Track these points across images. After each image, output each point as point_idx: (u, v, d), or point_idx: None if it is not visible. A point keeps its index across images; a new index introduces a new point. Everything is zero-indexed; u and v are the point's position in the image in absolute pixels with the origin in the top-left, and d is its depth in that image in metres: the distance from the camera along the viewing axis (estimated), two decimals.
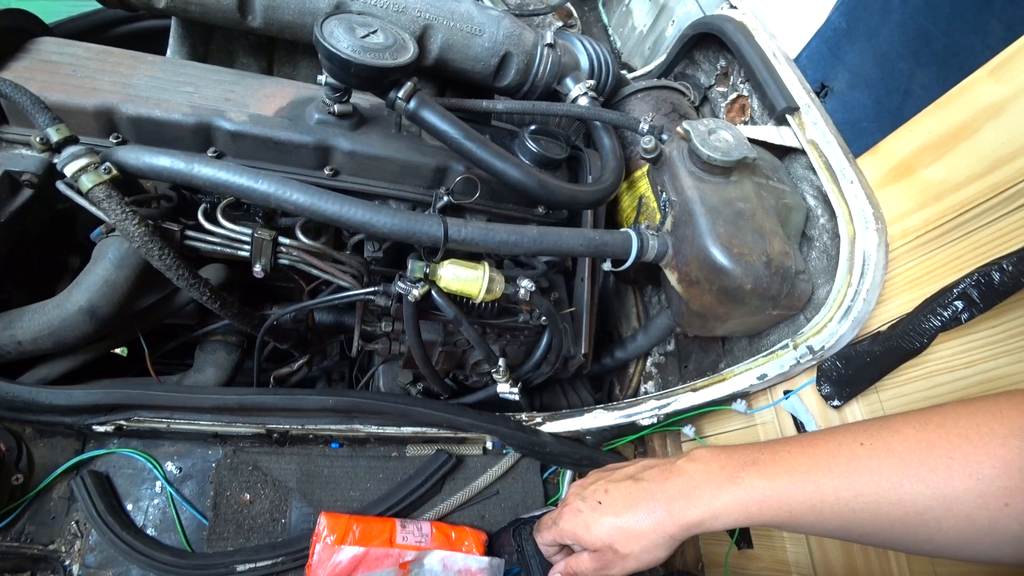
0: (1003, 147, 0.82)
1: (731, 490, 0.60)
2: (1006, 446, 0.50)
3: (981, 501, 0.50)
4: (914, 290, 0.90)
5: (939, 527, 0.52)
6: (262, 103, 0.94)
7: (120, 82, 0.89)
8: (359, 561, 0.94)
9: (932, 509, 0.52)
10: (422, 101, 0.88)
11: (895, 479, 0.54)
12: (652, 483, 0.64)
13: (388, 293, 0.95)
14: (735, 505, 0.59)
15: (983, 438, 0.51)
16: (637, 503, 0.63)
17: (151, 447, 0.99)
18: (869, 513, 0.55)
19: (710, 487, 0.61)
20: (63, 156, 0.73)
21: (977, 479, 0.50)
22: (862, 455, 0.56)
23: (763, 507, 0.58)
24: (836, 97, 1.16)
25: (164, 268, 0.80)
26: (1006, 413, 0.51)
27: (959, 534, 0.51)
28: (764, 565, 1.10)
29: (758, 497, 0.58)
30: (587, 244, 0.94)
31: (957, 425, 0.53)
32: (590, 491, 0.68)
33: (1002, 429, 0.51)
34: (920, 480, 0.52)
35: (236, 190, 0.78)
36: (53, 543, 0.90)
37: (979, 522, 0.50)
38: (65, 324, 0.82)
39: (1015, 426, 0.50)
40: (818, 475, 0.57)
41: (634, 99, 1.30)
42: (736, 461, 0.61)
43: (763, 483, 0.58)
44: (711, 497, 0.60)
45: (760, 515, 0.59)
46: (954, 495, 0.51)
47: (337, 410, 0.99)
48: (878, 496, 0.54)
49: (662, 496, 0.62)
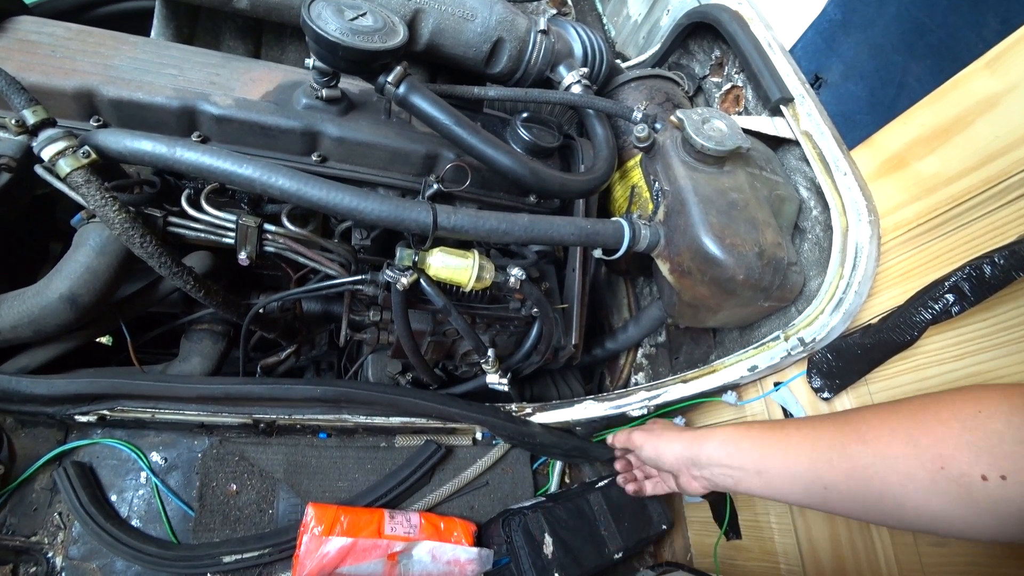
0: (996, 141, 0.81)
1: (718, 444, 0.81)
2: (944, 425, 0.59)
3: (917, 463, 0.59)
4: (905, 283, 0.90)
5: (883, 484, 0.62)
6: (248, 87, 0.92)
7: (101, 63, 0.86)
8: (347, 552, 0.94)
9: (875, 466, 0.63)
10: (412, 86, 0.87)
11: (846, 442, 0.67)
12: (683, 432, 0.90)
13: (376, 282, 0.94)
14: (721, 452, 0.80)
15: (927, 419, 0.61)
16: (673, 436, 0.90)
17: (135, 437, 0.98)
18: (826, 468, 0.67)
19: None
20: (40, 139, 0.71)
21: (914, 445, 0.60)
22: (818, 423, 0.72)
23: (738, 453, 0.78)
24: (830, 88, 1.15)
25: (146, 256, 0.78)
26: (954, 402, 0.60)
27: (902, 491, 0.60)
28: (752, 556, 1.10)
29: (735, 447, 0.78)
30: (579, 233, 0.93)
31: (909, 409, 0.64)
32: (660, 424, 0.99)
33: (945, 414, 0.59)
34: (866, 443, 0.64)
35: (220, 175, 0.76)
36: (35, 535, 0.89)
37: (919, 480, 0.59)
38: (45, 312, 0.80)
39: (957, 411, 0.59)
40: (783, 434, 0.74)
41: (628, 88, 1.28)
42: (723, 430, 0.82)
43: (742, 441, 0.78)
44: (706, 449, 0.82)
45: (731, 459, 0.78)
46: (893, 455, 0.61)
47: (325, 400, 0.98)
48: (833, 454, 0.67)
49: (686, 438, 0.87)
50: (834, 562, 0.96)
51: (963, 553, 0.80)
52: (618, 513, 1.13)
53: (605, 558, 1.07)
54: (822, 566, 0.98)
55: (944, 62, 0.93)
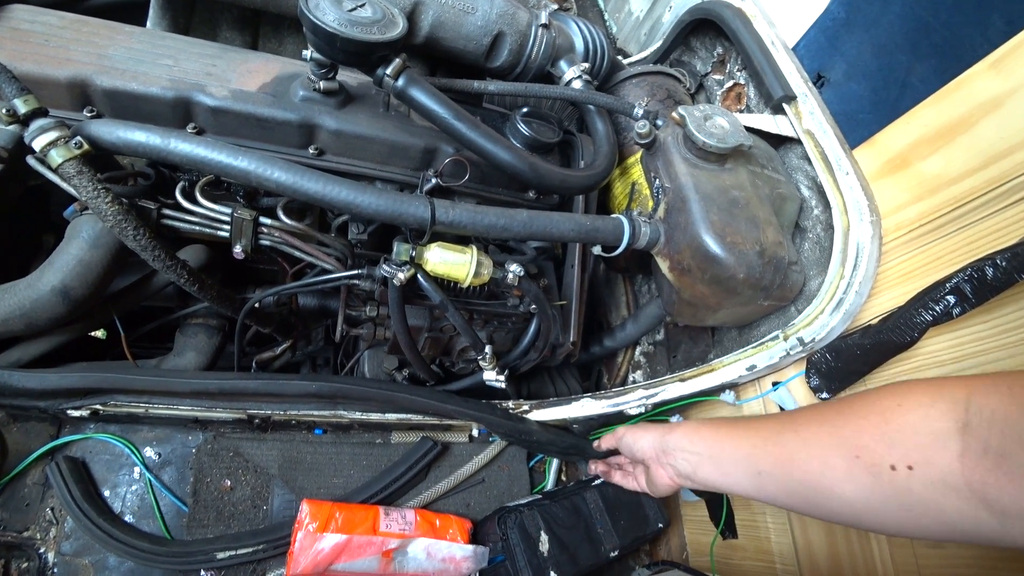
0: (1000, 142, 0.81)
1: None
2: (865, 418, 0.62)
3: (836, 451, 0.63)
4: (906, 283, 0.90)
5: (805, 469, 0.66)
6: (245, 78, 0.91)
7: (95, 53, 0.85)
8: (342, 549, 0.93)
9: (800, 453, 0.67)
10: (411, 79, 0.86)
11: (779, 430, 0.71)
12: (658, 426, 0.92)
13: (373, 276, 0.93)
14: (684, 439, 0.84)
15: (852, 412, 0.64)
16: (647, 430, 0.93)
17: (129, 432, 0.97)
18: (761, 452, 0.72)
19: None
20: (31, 129, 0.70)
21: (836, 435, 0.64)
22: (763, 418, 0.78)
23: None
24: (833, 87, 1.14)
25: (140, 249, 0.77)
26: (880, 396, 0.63)
27: (821, 477, 0.64)
28: (748, 555, 1.10)
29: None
30: (578, 229, 0.92)
31: (840, 404, 0.67)
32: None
33: (868, 407, 0.63)
34: (796, 431, 0.69)
35: (215, 167, 0.75)
36: (28, 530, 0.88)
37: (836, 468, 0.62)
38: (37, 305, 0.79)
39: (879, 404, 0.61)
40: (732, 426, 0.79)
41: (629, 84, 1.27)
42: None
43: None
44: (673, 437, 0.86)
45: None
46: (816, 443, 0.65)
47: (321, 396, 0.97)
48: (767, 440, 0.72)
49: (660, 430, 0.90)
50: (830, 562, 0.96)
51: (959, 555, 0.80)
52: (614, 511, 1.13)
53: (601, 556, 1.07)
54: (818, 567, 0.98)
55: (948, 62, 0.91)
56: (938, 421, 0.55)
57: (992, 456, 0.51)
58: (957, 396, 0.55)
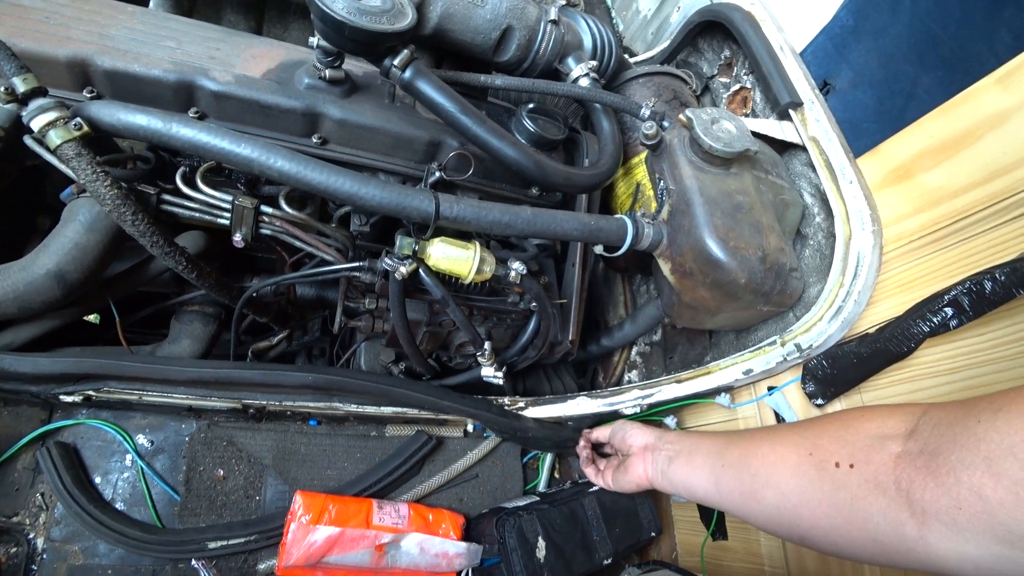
0: (1004, 157, 0.81)
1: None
2: (830, 423, 0.67)
3: (793, 447, 0.68)
4: (905, 294, 0.90)
5: (763, 461, 0.71)
6: (249, 64, 0.89)
7: (97, 32, 0.83)
8: (334, 542, 0.93)
9: (761, 447, 0.72)
10: (418, 71, 0.85)
11: (753, 433, 0.78)
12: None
13: (374, 269, 0.92)
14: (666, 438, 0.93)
15: (822, 419, 0.70)
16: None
17: (122, 419, 0.96)
18: (729, 448, 0.79)
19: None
20: (30, 108, 0.68)
21: (800, 435, 0.69)
22: (739, 433, 0.84)
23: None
24: (838, 95, 1.14)
25: (137, 234, 0.76)
26: (851, 410, 0.68)
27: (774, 471, 0.69)
28: (738, 556, 1.11)
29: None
30: (581, 229, 0.91)
31: (822, 417, 0.72)
32: None
33: (837, 416, 0.68)
34: (767, 433, 0.75)
35: (217, 153, 0.74)
36: (17, 515, 0.87)
37: (789, 460, 0.67)
38: (31, 288, 0.78)
39: (846, 414, 0.67)
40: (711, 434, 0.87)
41: (635, 84, 1.27)
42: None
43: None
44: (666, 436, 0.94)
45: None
46: (779, 440, 0.71)
47: (316, 387, 0.97)
48: (739, 438, 0.79)
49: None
50: (819, 565, 0.97)
51: None
52: (611, 519, 1.13)
53: (594, 564, 1.07)
54: (806, 569, 0.99)
55: (955, 75, 0.92)
56: (889, 428, 0.59)
57: (925, 456, 0.52)
58: (915, 410, 0.59)
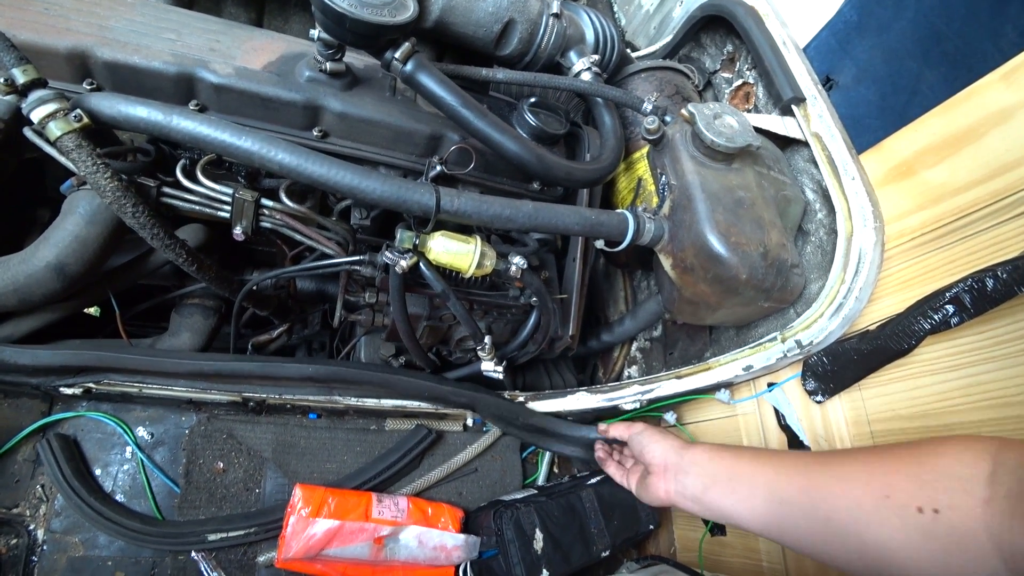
0: (1007, 154, 0.81)
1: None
2: (900, 459, 0.61)
3: (867, 489, 0.61)
4: (906, 291, 0.90)
5: (833, 505, 0.63)
6: (250, 56, 0.89)
7: (97, 24, 0.83)
8: (333, 534, 0.93)
9: (829, 486, 0.65)
10: (419, 64, 0.84)
11: (808, 463, 0.69)
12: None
13: (374, 263, 0.92)
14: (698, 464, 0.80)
15: (888, 453, 0.63)
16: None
17: (122, 411, 0.96)
18: (787, 481, 0.69)
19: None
20: (29, 100, 0.68)
21: (868, 473, 0.62)
22: (792, 452, 0.76)
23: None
24: (841, 91, 1.14)
25: (138, 226, 0.76)
26: (920, 443, 0.62)
27: (848, 515, 0.62)
28: (736, 552, 1.12)
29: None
30: (583, 223, 0.91)
31: (875, 446, 0.69)
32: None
33: (905, 450, 0.62)
34: (827, 465, 0.67)
35: (218, 146, 0.74)
36: (17, 507, 0.87)
37: (864, 506, 0.60)
38: (31, 281, 0.78)
39: (916, 448, 0.61)
40: (755, 454, 0.76)
41: (637, 78, 1.26)
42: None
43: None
44: (690, 455, 0.81)
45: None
46: (847, 479, 0.64)
47: (316, 379, 0.97)
48: (794, 471, 0.70)
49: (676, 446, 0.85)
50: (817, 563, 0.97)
51: None
52: (609, 511, 1.13)
53: (592, 556, 1.08)
54: (804, 565, 0.99)
55: (959, 71, 0.91)
56: (968, 467, 0.55)
57: (1011, 500, 0.50)
58: (987, 446, 0.55)
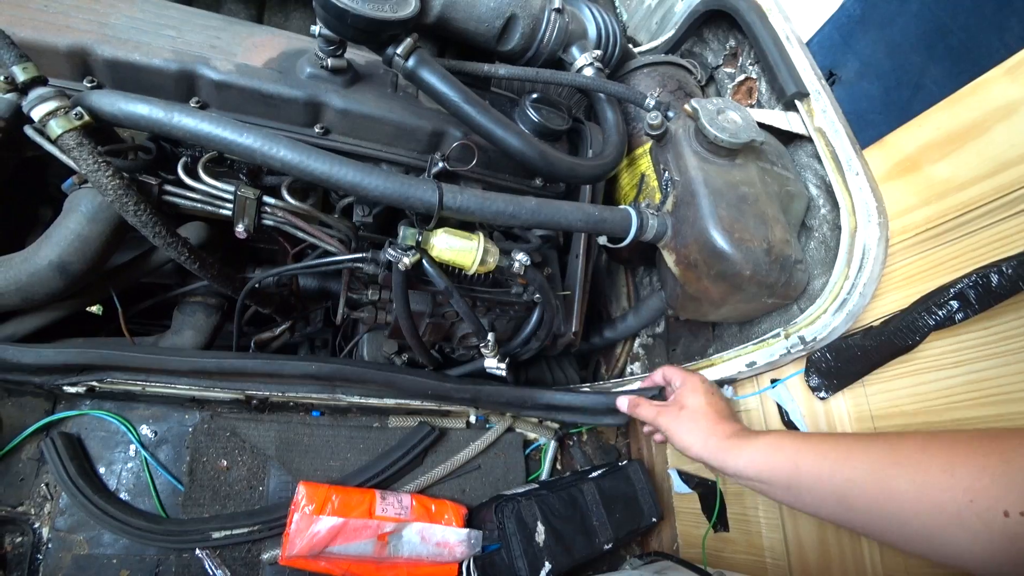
0: (1012, 149, 0.80)
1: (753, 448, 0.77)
2: (985, 457, 0.56)
3: (949, 494, 0.56)
4: (910, 287, 0.90)
5: (912, 510, 0.59)
6: (250, 53, 0.89)
7: (96, 21, 0.82)
8: (337, 531, 0.93)
9: (907, 492, 0.60)
10: (421, 60, 0.84)
11: (881, 463, 0.63)
12: (712, 433, 0.84)
13: (377, 260, 0.92)
14: (757, 456, 0.76)
15: (967, 450, 0.58)
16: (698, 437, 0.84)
17: (125, 410, 0.96)
18: (861, 483, 0.64)
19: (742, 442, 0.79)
20: (30, 98, 0.67)
21: (950, 475, 0.57)
22: (864, 441, 0.67)
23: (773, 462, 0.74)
24: (844, 86, 1.14)
25: (140, 224, 0.76)
26: (998, 435, 0.58)
27: (929, 520, 0.58)
28: (739, 548, 1.12)
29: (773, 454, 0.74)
30: (586, 219, 0.91)
31: (950, 438, 0.61)
32: (687, 408, 0.89)
33: (987, 446, 0.57)
34: (901, 467, 0.61)
35: (219, 143, 0.73)
36: (22, 505, 0.87)
37: (947, 510, 0.56)
38: (33, 279, 0.78)
39: (998, 443, 0.56)
40: (827, 446, 0.70)
41: (639, 74, 1.25)
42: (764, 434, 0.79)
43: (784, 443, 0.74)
44: (738, 449, 0.78)
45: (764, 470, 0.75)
46: (926, 482, 0.58)
47: (319, 377, 0.97)
48: (869, 472, 0.64)
49: (712, 446, 0.82)
50: (820, 558, 0.98)
51: None
52: (611, 504, 1.14)
53: (595, 548, 1.08)
54: (808, 562, 0.99)
55: (963, 65, 0.91)
56: None
57: None
58: None
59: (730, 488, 1.16)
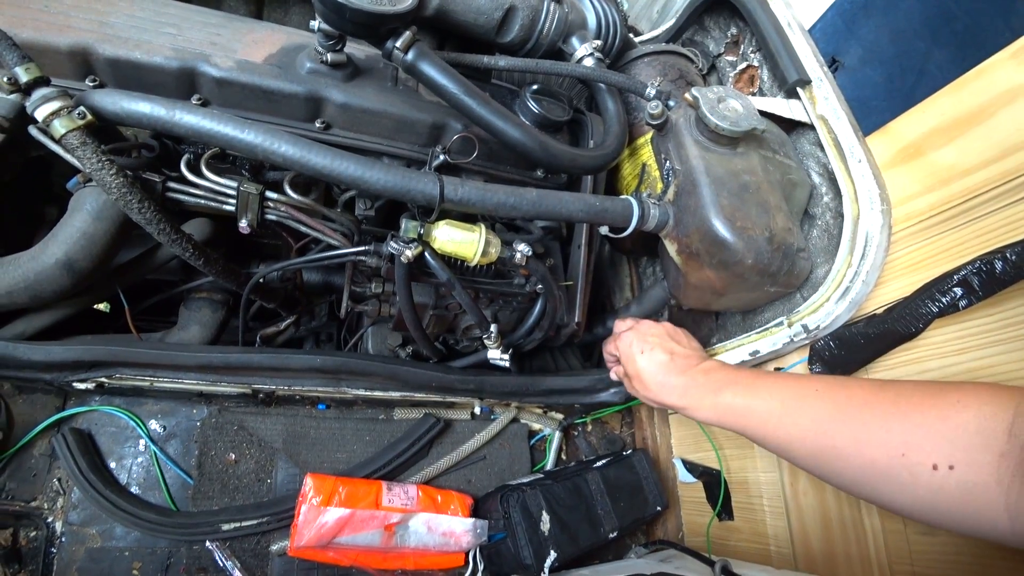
0: (1017, 134, 0.79)
1: (713, 399, 0.82)
2: (922, 413, 0.59)
3: (883, 449, 0.61)
4: (913, 274, 0.90)
5: (848, 463, 0.64)
6: (250, 49, 0.89)
7: (97, 20, 0.83)
8: (345, 522, 0.95)
9: (844, 448, 0.65)
10: (421, 53, 0.84)
11: (826, 417, 0.68)
12: (675, 368, 0.89)
13: (379, 253, 0.92)
14: (711, 411, 0.82)
15: (907, 406, 0.61)
16: (661, 371, 0.90)
17: (134, 405, 0.97)
18: (801, 438, 0.70)
19: (702, 392, 0.84)
20: (33, 98, 0.68)
21: (886, 431, 0.61)
22: (811, 396, 0.72)
23: (727, 416, 0.80)
24: (847, 72, 1.13)
25: (144, 222, 0.76)
26: (944, 392, 0.60)
27: (861, 473, 0.63)
28: (744, 537, 1.13)
29: (727, 409, 0.79)
30: (587, 210, 0.91)
31: (898, 394, 0.64)
32: (647, 340, 0.94)
33: (929, 402, 0.60)
34: (842, 422, 0.66)
35: (221, 140, 0.74)
36: (35, 500, 0.89)
37: (878, 464, 0.61)
38: (41, 278, 0.79)
39: (940, 400, 0.59)
40: (775, 402, 0.74)
41: (640, 63, 1.25)
42: (724, 378, 0.83)
43: (736, 400, 0.79)
44: (698, 400, 0.84)
45: (722, 421, 0.81)
46: (861, 439, 0.63)
47: (325, 370, 0.98)
48: (811, 427, 0.69)
49: (674, 381, 0.88)
50: (824, 546, 0.98)
51: (951, 543, 0.82)
52: (615, 493, 1.14)
53: (600, 537, 1.09)
54: (812, 550, 1.00)
55: (968, 50, 0.90)
56: (989, 421, 0.54)
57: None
58: (1012, 396, 0.55)
59: (735, 477, 1.16)
